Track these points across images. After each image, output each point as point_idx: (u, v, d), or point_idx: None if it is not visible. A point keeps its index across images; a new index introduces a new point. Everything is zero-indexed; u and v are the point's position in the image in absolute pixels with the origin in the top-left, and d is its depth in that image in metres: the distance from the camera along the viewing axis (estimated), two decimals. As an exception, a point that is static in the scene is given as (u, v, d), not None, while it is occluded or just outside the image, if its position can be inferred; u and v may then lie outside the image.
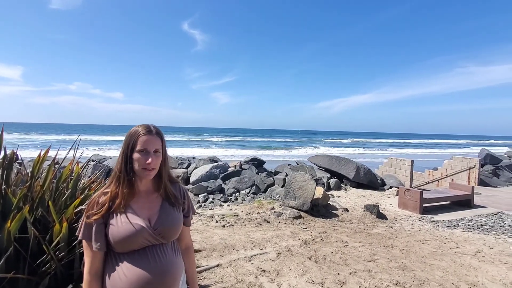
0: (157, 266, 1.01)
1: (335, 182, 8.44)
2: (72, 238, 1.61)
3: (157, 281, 1.00)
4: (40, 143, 32.48)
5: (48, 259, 1.51)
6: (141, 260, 1.00)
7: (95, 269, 1.02)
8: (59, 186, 1.89)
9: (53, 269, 1.52)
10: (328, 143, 53.99)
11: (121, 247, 1.00)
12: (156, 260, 1.02)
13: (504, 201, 7.05)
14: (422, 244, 4.10)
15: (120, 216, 1.02)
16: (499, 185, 10.14)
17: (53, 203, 1.71)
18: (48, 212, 1.67)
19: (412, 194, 6.11)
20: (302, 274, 3.02)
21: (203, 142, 46.14)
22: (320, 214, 5.49)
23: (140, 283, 0.97)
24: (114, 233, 0.99)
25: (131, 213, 1.04)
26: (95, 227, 1.01)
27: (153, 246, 1.04)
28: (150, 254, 1.02)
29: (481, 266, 3.40)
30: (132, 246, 1.00)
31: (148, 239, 1.03)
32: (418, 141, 72.48)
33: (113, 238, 0.99)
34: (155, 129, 1.08)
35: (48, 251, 1.46)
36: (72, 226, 1.66)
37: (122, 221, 1.01)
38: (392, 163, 10.84)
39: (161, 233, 1.05)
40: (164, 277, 1.02)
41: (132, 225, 1.00)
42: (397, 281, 2.91)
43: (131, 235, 0.99)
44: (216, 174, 8.54)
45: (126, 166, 1.04)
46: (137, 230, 1.00)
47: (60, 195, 1.86)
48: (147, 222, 1.04)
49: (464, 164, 10.26)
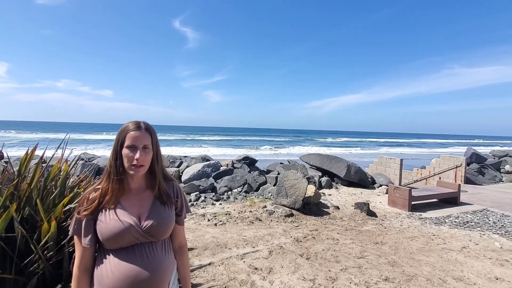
0: (144, 264, 1.00)
1: (326, 180, 8.52)
2: (61, 237, 1.59)
3: (144, 279, 0.99)
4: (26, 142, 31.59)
5: (36, 259, 1.48)
6: (128, 257, 1.00)
7: (84, 265, 1.02)
8: (47, 184, 1.85)
9: (41, 269, 1.49)
10: (320, 142, 54.44)
11: (109, 243, 1.00)
12: (144, 258, 1.01)
13: (489, 199, 7.27)
14: (411, 241, 4.19)
15: (109, 212, 1.02)
16: (484, 183, 10.44)
17: (41, 201, 1.67)
18: (36, 211, 1.63)
19: (401, 192, 6.24)
20: (294, 271, 3.05)
21: (195, 141, 45.85)
22: (311, 212, 5.54)
23: (126, 280, 0.97)
24: (102, 230, 0.99)
25: (121, 210, 1.03)
26: (85, 223, 1.01)
27: (142, 244, 1.03)
28: (138, 252, 1.02)
29: (467, 261, 3.50)
30: (120, 243, 1.00)
31: (136, 237, 1.02)
32: (408, 141, 73.88)
33: (101, 235, 0.99)
34: (144, 125, 1.07)
35: (36, 250, 1.43)
36: (61, 225, 1.63)
37: (110, 217, 1.00)
38: (382, 161, 11.02)
39: (150, 231, 1.04)
40: (151, 275, 1.01)
41: (120, 222, 1.00)
42: (387, 277, 2.97)
43: (119, 232, 0.98)
44: (208, 173, 8.50)
45: (116, 162, 1.03)
46: (125, 227, 1.00)
47: (48, 194, 1.82)
48: (136, 219, 1.03)
49: (451, 163, 10.52)
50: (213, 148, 33.34)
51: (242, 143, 43.32)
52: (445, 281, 2.95)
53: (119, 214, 1.01)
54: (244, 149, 32.86)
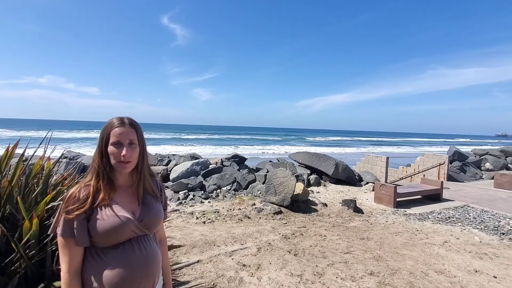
0: (143, 256, 1.04)
1: (315, 178, 8.63)
2: (43, 235, 1.55)
3: (145, 270, 1.03)
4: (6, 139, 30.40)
5: (17, 258, 1.44)
6: (127, 251, 1.01)
7: (74, 268, 0.98)
8: (29, 182, 1.80)
9: (23, 268, 1.45)
10: (309, 141, 54.96)
11: (107, 240, 0.99)
12: (142, 250, 1.04)
13: (469, 195, 7.55)
14: (395, 236, 4.31)
15: (105, 209, 1.01)
16: (466, 180, 10.83)
17: (23, 199, 1.62)
18: (17, 210, 1.58)
19: (387, 189, 6.39)
20: (281, 267, 3.08)
21: (184, 139, 45.39)
22: (300, 209, 5.60)
23: (128, 273, 0.99)
24: (100, 227, 0.97)
25: (116, 206, 1.03)
26: (77, 223, 0.97)
27: (138, 237, 1.06)
28: (136, 245, 1.04)
29: (448, 255, 3.63)
30: (118, 239, 1.01)
31: (134, 231, 1.04)
32: (393, 139, 75.62)
33: (99, 232, 0.97)
34: (128, 120, 1.06)
35: (18, 249, 1.39)
36: (43, 223, 1.59)
37: (108, 214, 1.00)
38: (368, 159, 11.25)
39: (146, 224, 1.07)
40: (150, 266, 1.05)
41: (118, 218, 1.00)
42: (372, 271, 3.05)
43: (118, 227, 0.99)
44: (197, 171, 8.45)
45: (103, 160, 1.02)
46: (124, 222, 1.01)
47: (30, 192, 1.77)
48: (131, 214, 1.05)
49: (434, 161, 10.84)
50: (202, 146, 33.10)
51: (232, 142, 43.20)
52: (427, 274, 3.05)
53: (116, 210, 1.02)
54: (233, 147, 32.79)
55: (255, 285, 2.71)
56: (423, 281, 2.89)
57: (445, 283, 2.89)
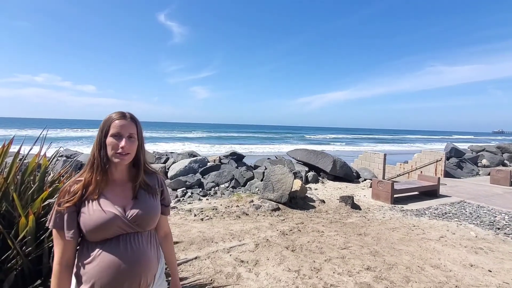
0: (128, 255, 1.00)
1: (313, 175, 8.66)
2: (40, 232, 1.55)
3: (129, 270, 0.98)
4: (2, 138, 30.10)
5: (14, 255, 1.44)
6: (112, 248, 0.99)
7: (66, 260, 0.98)
8: (25, 179, 1.79)
9: (19, 265, 1.45)
10: (307, 138, 55.04)
11: (94, 235, 0.98)
12: (128, 248, 1.01)
13: (466, 191, 7.61)
14: (392, 232, 4.34)
15: (92, 203, 1.00)
16: (462, 177, 10.90)
17: (19, 196, 1.62)
18: (13, 207, 1.58)
19: (384, 185, 6.43)
20: (279, 263, 3.10)
21: (182, 137, 45.28)
22: (298, 206, 5.62)
23: (110, 271, 0.96)
24: (86, 221, 0.97)
25: (105, 201, 1.02)
26: (67, 216, 0.98)
27: (127, 234, 1.03)
28: (122, 243, 1.01)
29: (444, 250, 3.67)
30: (105, 234, 0.99)
31: (121, 227, 1.01)
32: (391, 137, 75.88)
33: (85, 226, 0.97)
34: (129, 114, 1.07)
35: (14, 246, 1.38)
36: (40, 220, 1.59)
37: (94, 208, 0.99)
38: (366, 156, 11.29)
39: (136, 221, 1.04)
40: (136, 264, 1.00)
41: (104, 213, 0.98)
42: (369, 266, 3.08)
43: (103, 222, 0.97)
44: (195, 168, 8.44)
45: (100, 152, 1.02)
46: (110, 218, 0.98)
47: (26, 189, 1.76)
48: (121, 210, 1.02)
49: (432, 157, 10.90)
50: (200, 144, 33.05)
51: (230, 139, 43.17)
52: (423, 269, 3.09)
53: (103, 205, 1.00)
54: (231, 145, 32.77)
55: (253, 280, 2.73)
56: (419, 276, 2.92)
57: (441, 277, 2.92)
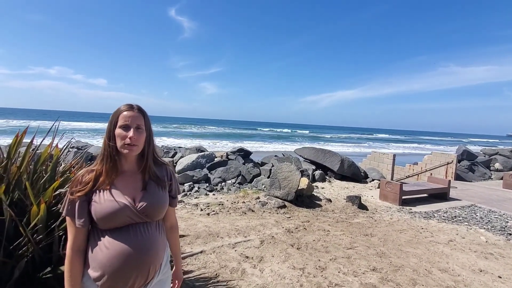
0: (138, 242, 1.03)
1: (320, 174, 8.60)
2: (51, 221, 1.58)
3: (138, 257, 1.02)
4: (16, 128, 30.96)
5: (25, 242, 1.48)
6: (122, 236, 1.02)
7: (77, 245, 1.03)
8: (37, 168, 1.83)
9: (30, 252, 1.49)
10: (315, 137, 54.66)
11: (104, 224, 1.01)
12: (138, 236, 1.04)
13: (477, 195, 7.43)
14: (400, 233, 4.28)
15: (103, 193, 1.03)
16: (474, 180, 10.65)
17: (31, 185, 1.65)
18: (26, 195, 1.61)
19: (393, 186, 6.33)
20: (284, 260, 3.10)
21: (190, 132, 45.61)
22: (304, 204, 5.60)
23: (120, 257, 0.99)
24: (97, 210, 1.00)
25: (116, 191, 1.05)
26: (78, 204, 1.01)
27: (137, 223, 1.06)
28: (132, 231, 1.04)
29: (452, 253, 3.59)
30: (114, 223, 1.02)
31: (131, 217, 1.04)
32: (401, 137, 74.65)
33: (96, 215, 1.00)
34: (137, 106, 1.10)
35: (26, 233, 1.42)
36: (51, 209, 1.62)
37: (105, 198, 1.02)
38: (375, 157, 11.14)
39: (145, 211, 1.06)
40: (145, 253, 1.04)
41: (116, 202, 1.02)
42: (374, 267, 3.04)
43: (114, 212, 1.00)
44: (202, 163, 8.50)
45: (110, 143, 1.05)
46: (120, 207, 1.01)
47: (38, 178, 1.80)
48: (131, 200, 1.05)
49: (442, 160, 10.68)
50: (208, 139, 33.23)
51: (237, 135, 43.24)
52: (431, 272, 3.03)
53: (114, 195, 1.03)
54: (239, 141, 32.83)
55: (257, 276, 2.74)
56: (426, 279, 2.88)
57: (449, 281, 2.87)
